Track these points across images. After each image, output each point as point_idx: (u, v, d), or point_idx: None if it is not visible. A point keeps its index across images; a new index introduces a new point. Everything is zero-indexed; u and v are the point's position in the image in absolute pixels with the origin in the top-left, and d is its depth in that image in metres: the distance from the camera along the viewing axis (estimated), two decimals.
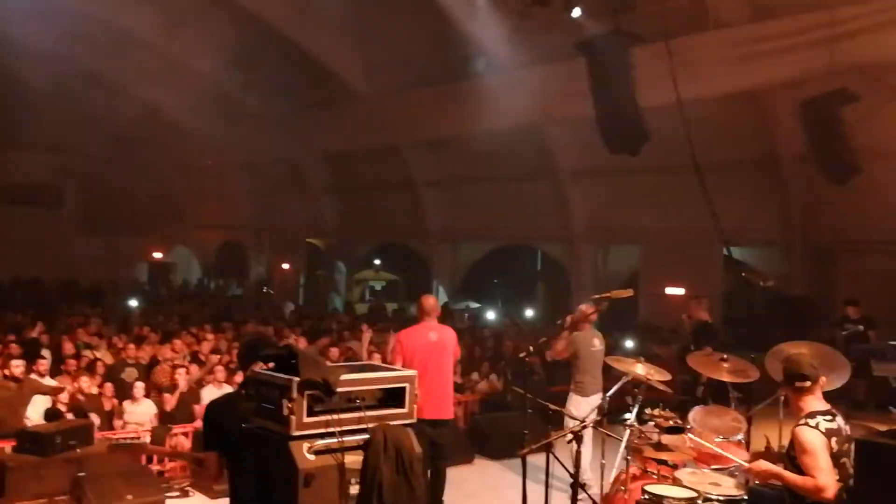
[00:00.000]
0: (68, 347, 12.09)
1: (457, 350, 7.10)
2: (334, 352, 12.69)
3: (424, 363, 6.45)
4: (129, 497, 6.99)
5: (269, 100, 22.66)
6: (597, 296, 6.28)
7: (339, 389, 3.96)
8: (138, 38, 21.21)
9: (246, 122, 23.81)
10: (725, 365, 5.98)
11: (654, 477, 5.23)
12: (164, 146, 27.32)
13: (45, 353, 11.72)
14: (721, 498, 4.85)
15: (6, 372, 9.63)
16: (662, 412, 5.26)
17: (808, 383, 4.63)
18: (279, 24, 18.50)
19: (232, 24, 19.03)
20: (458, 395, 10.18)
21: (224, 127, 24.69)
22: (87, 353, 12.06)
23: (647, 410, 5.31)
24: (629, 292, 5.57)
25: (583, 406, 7.19)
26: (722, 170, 14.36)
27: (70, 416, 8.95)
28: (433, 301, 7.04)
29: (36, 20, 18.89)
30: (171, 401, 10.01)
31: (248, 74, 21.86)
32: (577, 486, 4.78)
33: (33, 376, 9.58)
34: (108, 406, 9.74)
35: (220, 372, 10.46)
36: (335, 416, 3.94)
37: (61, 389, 9.25)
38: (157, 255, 31.74)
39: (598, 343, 7.54)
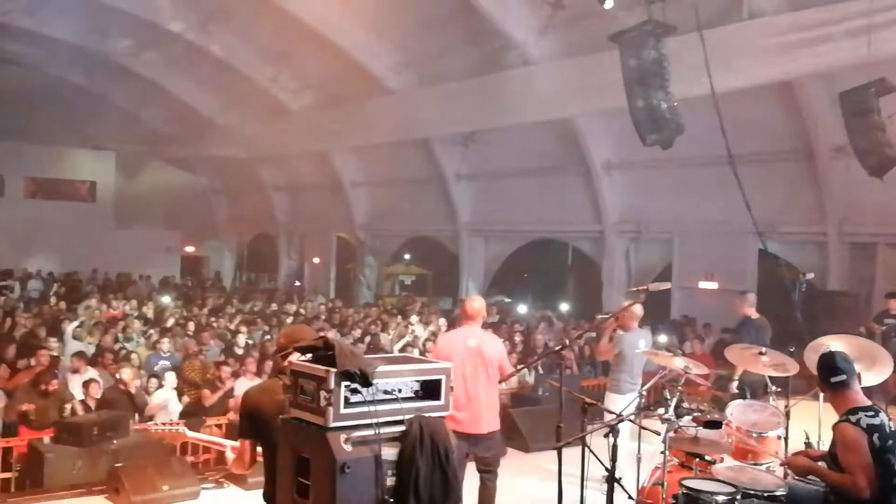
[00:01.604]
0: (107, 341, 12.25)
1: (503, 364, 6.33)
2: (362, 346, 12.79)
3: (457, 371, 5.74)
4: (165, 488, 7.05)
5: (299, 94, 22.75)
6: (633, 289, 6.18)
7: (375, 381, 3.95)
8: (173, 34, 21.39)
9: (277, 116, 23.93)
10: (764, 359, 5.88)
11: (692, 471, 5.17)
12: (197, 141, 27.55)
13: (85, 346, 11.93)
14: (760, 493, 4.78)
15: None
16: (700, 406, 5.20)
17: (844, 377, 4.57)
18: (311, 18, 18.54)
19: (264, 20, 19.13)
20: None
21: (255, 122, 24.85)
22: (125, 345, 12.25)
23: (685, 405, 5.25)
24: (667, 285, 5.51)
25: (620, 404, 6.88)
26: (757, 162, 14.21)
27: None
28: (478, 304, 6.37)
29: (72, 17, 19.13)
30: (211, 398, 10.07)
31: (279, 69, 21.97)
32: (612, 479, 4.73)
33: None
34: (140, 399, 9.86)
35: (252, 364, 10.56)
36: (372, 408, 3.93)
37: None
38: (190, 249, 32.05)
39: (643, 345, 7.38)
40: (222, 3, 19.28)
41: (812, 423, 5.85)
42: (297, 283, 28.84)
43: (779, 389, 6.35)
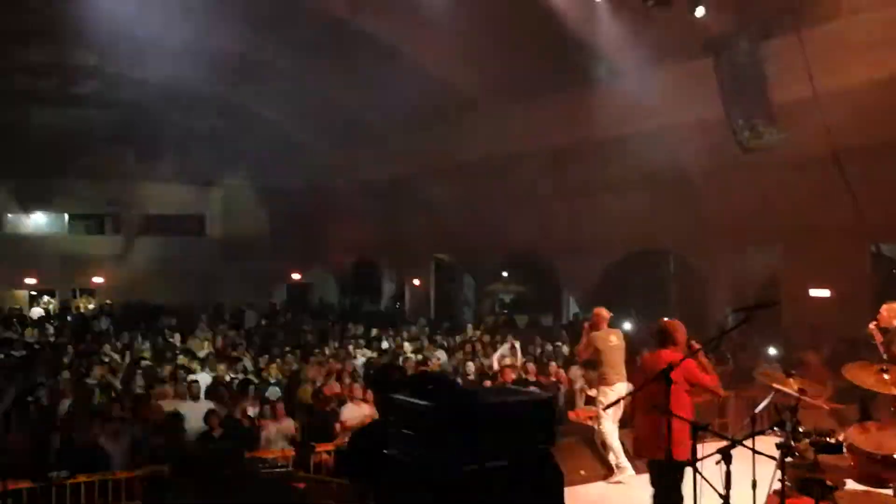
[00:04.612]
0: (221, 369, 12.65)
1: (697, 378, 5.94)
2: (470, 366, 12.80)
3: (643, 393, 5.77)
4: None
5: (389, 118, 23.06)
6: (738, 308, 5.98)
7: (477, 414, 3.95)
8: (267, 66, 22.05)
9: (369, 141, 24.36)
10: (886, 376, 5.56)
11: (811, 498, 4.93)
12: (295, 169, 28.29)
13: (202, 376, 12.39)
14: None
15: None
16: (818, 429, 4.96)
17: None
18: (397, 42, 18.82)
19: (354, 47, 19.50)
20: (589, 408, 9.98)
21: (345, 147, 25.38)
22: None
23: (801, 428, 5.02)
24: (774, 303, 5.32)
25: (609, 395, 8.27)
26: (866, 162, 13.55)
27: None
28: (671, 325, 6.21)
29: (173, 57, 19.96)
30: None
31: (368, 94, 22.33)
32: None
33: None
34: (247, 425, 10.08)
35: (359, 390, 10.63)
36: (474, 442, 3.92)
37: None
38: (296, 276, 32.85)
39: (614, 339, 8.55)
40: (311, 31, 19.74)
41: None
42: (398, 305, 29.18)
43: None
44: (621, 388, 8.31)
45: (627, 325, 19.36)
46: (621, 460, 8.47)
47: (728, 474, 4.57)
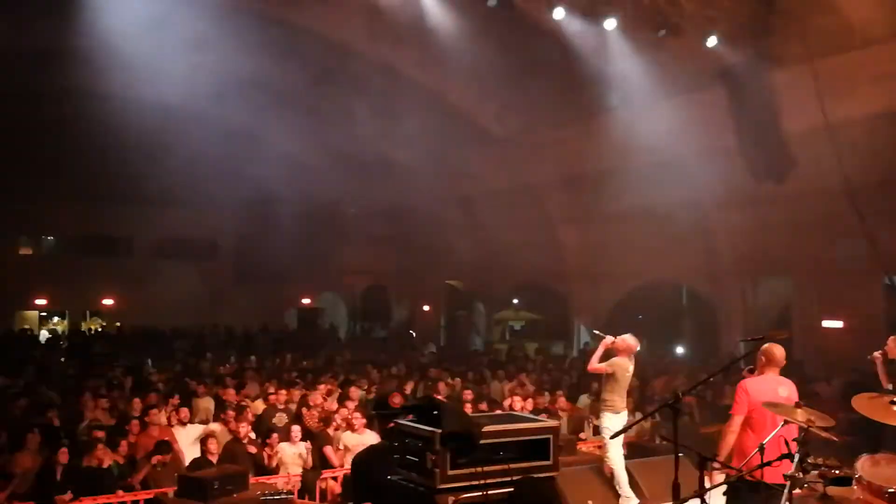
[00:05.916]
0: (229, 395, 12.57)
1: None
2: (467, 394, 12.71)
3: (767, 419, 5.88)
4: None
5: (407, 147, 23.17)
6: (748, 339, 5.90)
7: (482, 441, 3.92)
8: (284, 95, 22.21)
9: (386, 170, 24.44)
10: (895, 407, 5.47)
11: None
12: (309, 197, 28.39)
13: (207, 401, 12.32)
14: None
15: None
16: (827, 461, 4.88)
17: None
18: (412, 73, 18.96)
19: (371, 77, 19.65)
20: (598, 437, 9.92)
21: (364, 176, 25.45)
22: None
23: (810, 459, 4.94)
24: (783, 334, 5.28)
25: (615, 421, 8.18)
26: (879, 193, 13.50)
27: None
28: (782, 352, 6.20)
29: (188, 83, 20.15)
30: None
31: (387, 124, 22.45)
32: None
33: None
34: (254, 450, 10.01)
35: (359, 418, 10.46)
36: (479, 469, 3.90)
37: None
38: (306, 301, 32.85)
39: (631, 369, 8.51)
40: (330, 61, 19.91)
41: None
42: (412, 333, 29.10)
43: None
44: (625, 415, 8.41)
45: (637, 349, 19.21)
46: (625, 490, 8.36)
47: None
